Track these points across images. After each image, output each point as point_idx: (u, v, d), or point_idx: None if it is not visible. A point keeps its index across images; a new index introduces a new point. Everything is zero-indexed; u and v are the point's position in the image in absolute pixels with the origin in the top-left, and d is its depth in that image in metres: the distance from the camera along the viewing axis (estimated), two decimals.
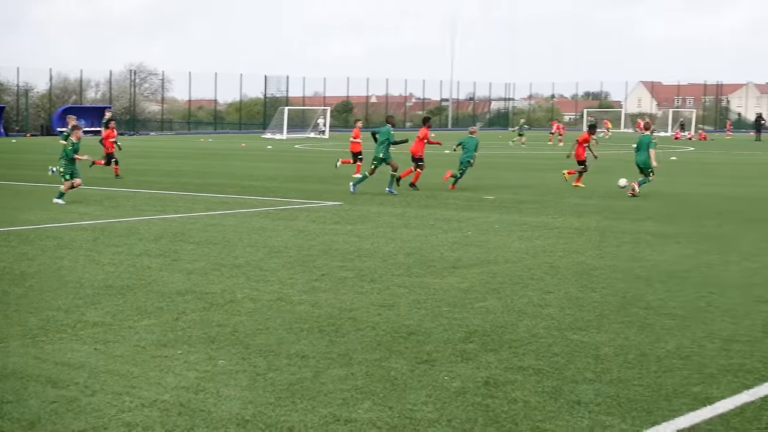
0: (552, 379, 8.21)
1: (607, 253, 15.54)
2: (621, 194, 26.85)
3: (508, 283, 12.70)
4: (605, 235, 17.85)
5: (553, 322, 10.42)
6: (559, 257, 15.01)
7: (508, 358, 8.87)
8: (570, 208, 22.98)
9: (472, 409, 7.37)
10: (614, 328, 10.14)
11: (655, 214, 21.48)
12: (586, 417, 7.21)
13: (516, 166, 41.75)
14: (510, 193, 27.22)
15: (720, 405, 7.52)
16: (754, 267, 14.16)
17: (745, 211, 22.34)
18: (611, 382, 8.12)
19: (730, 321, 10.53)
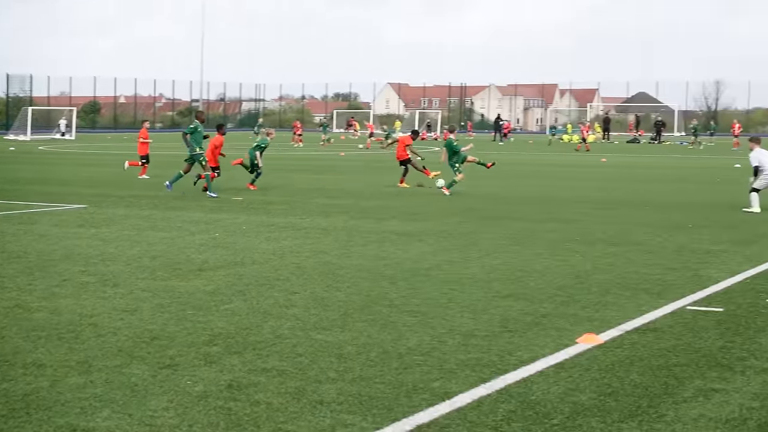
0: (295, 379, 8.22)
1: (353, 252, 15.74)
2: (366, 193, 27.29)
3: (254, 285, 12.66)
4: (352, 234, 18.08)
5: (298, 322, 10.46)
6: (305, 257, 15.08)
7: (252, 360, 8.84)
8: (318, 208, 23.15)
9: (214, 413, 7.28)
10: (358, 327, 10.26)
11: (399, 213, 21.91)
12: (328, 416, 7.25)
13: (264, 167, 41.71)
14: (258, 194, 27.17)
15: (458, 399, 7.72)
16: (494, 263, 14.65)
17: (484, 209, 23.09)
18: (353, 381, 8.20)
19: (470, 316, 10.84)
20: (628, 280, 13.22)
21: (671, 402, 7.71)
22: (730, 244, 16.94)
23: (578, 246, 16.61)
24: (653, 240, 17.51)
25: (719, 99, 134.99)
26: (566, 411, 7.45)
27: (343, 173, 37.26)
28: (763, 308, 11.38)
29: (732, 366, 8.80)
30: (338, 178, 31.43)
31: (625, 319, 10.74)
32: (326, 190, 28.85)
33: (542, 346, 9.47)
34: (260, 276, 13.35)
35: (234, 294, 12.02)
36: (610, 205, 24.49)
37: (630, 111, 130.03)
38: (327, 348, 9.34)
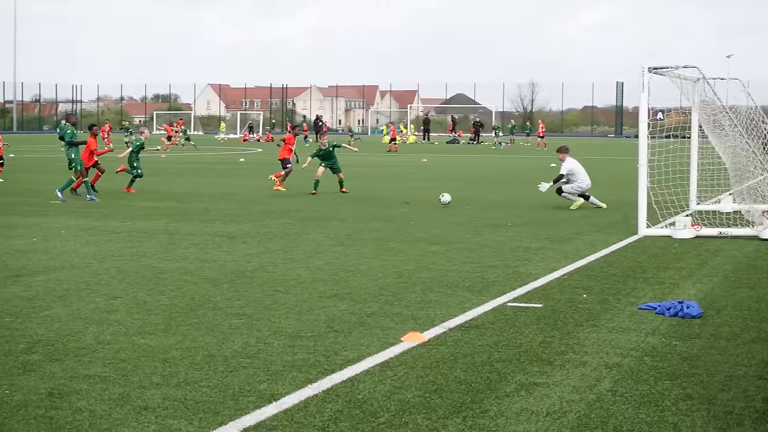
0: (119, 385, 8.07)
1: (175, 255, 15.53)
2: (189, 196, 26.98)
3: (74, 290, 12.36)
4: (174, 237, 17.84)
5: (121, 327, 10.26)
6: (127, 261, 14.81)
7: (74, 367, 8.63)
8: (139, 211, 22.76)
9: (34, 422, 7.09)
10: (182, 331, 10.13)
11: (223, 216, 21.74)
12: (153, 422, 7.14)
13: None
14: (78, 198, 26.49)
15: (285, 400, 7.72)
16: (318, 264, 14.68)
17: (308, 210, 23.11)
18: (179, 385, 8.10)
19: (296, 317, 10.84)
20: (450, 279, 13.44)
21: (494, 397, 7.87)
22: (548, 242, 17.41)
23: (401, 245, 16.80)
24: (474, 238, 17.86)
25: (534, 100, 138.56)
26: (392, 409, 7.53)
27: (164, 176, 36.71)
28: (580, 303, 11.74)
29: (552, 360, 9.05)
30: (159, 180, 30.96)
31: (448, 316, 10.92)
32: (148, 192, 28.36)
33: (368, 346, 9.54)
34: (80, 281, 13.04)
35: (53, 300, 11.71)
36: (431, 204, 24.82)
37: (449, 112, 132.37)
38: (151, 353, 9.19)
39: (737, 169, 21.26)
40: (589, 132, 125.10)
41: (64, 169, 27.32)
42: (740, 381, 8.37)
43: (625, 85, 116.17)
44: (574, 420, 7.31)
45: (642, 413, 7.47)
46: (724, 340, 9.89)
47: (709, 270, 14.48)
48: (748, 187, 20.37)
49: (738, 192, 21.68)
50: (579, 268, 14.53)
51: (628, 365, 8.90)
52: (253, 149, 68.95)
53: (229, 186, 31.04)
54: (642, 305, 11.59)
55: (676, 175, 21.73)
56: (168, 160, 51.24)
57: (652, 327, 10.49)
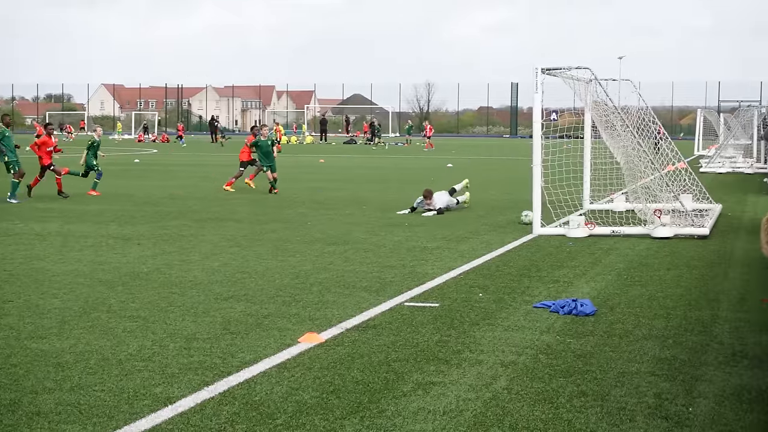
0: (10, 391, 7.91)
1: (68, 257, 15.27)
2: (83, 198, 26.56)
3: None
4: (67, 239, 17.54)
5: (12, 331, 10.06)
6: (18, 264, 14.52)
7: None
8: (31, 213, 22.35)
9: None
10: (76, 334, 9.97)
11: (118, 217, 21.44)
12: (45, 428, 7.02)
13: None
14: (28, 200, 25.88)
15: (181, 404, 7.64)
16: (214, 266, 14.56)
17: (203, 211, 22.91)
18: (72, 390, 7.97)
19: (192, 320, 10.74)
20: (348, 279, 13.45)
21: (391, 397, 7.90)
22: (444, 242, 17.53)
23: (298, 246, 16.76)
24: (371, 239, 17.89)
25: (431, 101, 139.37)
26: (290, 410, 7.51)
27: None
28: (476, 302, 11.84)
29: (448, 359, 9.11)
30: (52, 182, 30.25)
31: (346, 317, 10.92)
32: (41, 195, 27.78)
33: (265, 347, 9.50)
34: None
35: None
36: (328, 204, 24.82)
37: (346, 112, 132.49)
38: (43, 357, 9.03)
39: (629, 169, 21.66)
40: (484, 132, 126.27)
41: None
42: (633, 377, 8.53)
43: (520, 86, 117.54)
44: (471, 418, 7.36)
45: (537, 411, 7.56)
46: (617, 338, 10.06)
47: (602, 268, 14.73)
48: (641, 186, 20.78)
49: (631, 191, 22.11)
50: (475, 267, 14.66)
51: (523, 363, 9.01)
52: (148, 150, 68.14)
53: (124, 187, 30.62)
54: (537, 303, 11.73)
55: (570, 175, 22.06)
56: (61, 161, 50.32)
57: (547, 325, 10.63)
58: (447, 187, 24.50)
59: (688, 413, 7.54)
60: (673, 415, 7.48)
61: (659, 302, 11.97)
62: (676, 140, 37.83)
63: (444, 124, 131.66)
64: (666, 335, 10.17)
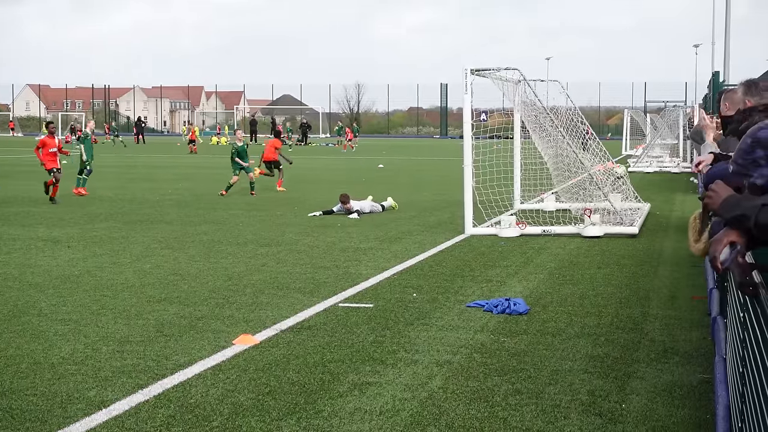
0: None
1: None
2: (8, 199, 26.19)
3: None
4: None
5: None
6: None
7: None
8: None
9: None
10: (5, 338, 9.83)
11: (46, 219, 21.17)
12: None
13: None
14: None
15: (115, 407, 7.58)
16: (146, 268, 14.44)
17: (133, 213, 22.70)
18: (3, 394, 7.87)
19: (124, 322, 10.64)
20: (281, 280, 13.41)
21: (328, 397, 7.89)
22: (377, 242, 17.55)
23: (230, 248, 16.67)
24: (303, 240, 17.86)
25: (361, 101, 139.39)
26: (226, 412, 7.47)
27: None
28: (410, 302, 11.88)
29: (384, 359, 9.13)
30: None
31: (280, 318, 10.90)
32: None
33: (199, 349, 9.45)
34: None
35: None
36: (260, 206, 24.73)
37: (276, 113, 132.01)
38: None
39: (559, 168, 21.88)
40: (415, 133, 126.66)
41: None
42: (566, 375, 8.61)
43: (449, 87, 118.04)
44: (407, 418, 7.39)
45: (473, 409, 7.61)
46: (550, 336, 10.15)
47: (534, 267, 14.85)
48: (571, 185, 20.99)
49: (563, 191, 22.33)
50: (408, 267, 14.70)
51: (458, 362, 9.05)
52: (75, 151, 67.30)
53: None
54: (470, 303, 11.80)
55: (501, 175, 22.20)
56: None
57: (481, 324, 10.69)
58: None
59: (621, 410, 7.63)
60: (607, 412, 7.57)
61: (591, 300, 12.10)
62: (604, 140, 38.30)
63: (374, 124, 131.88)
64: (598, 333, 10.29)
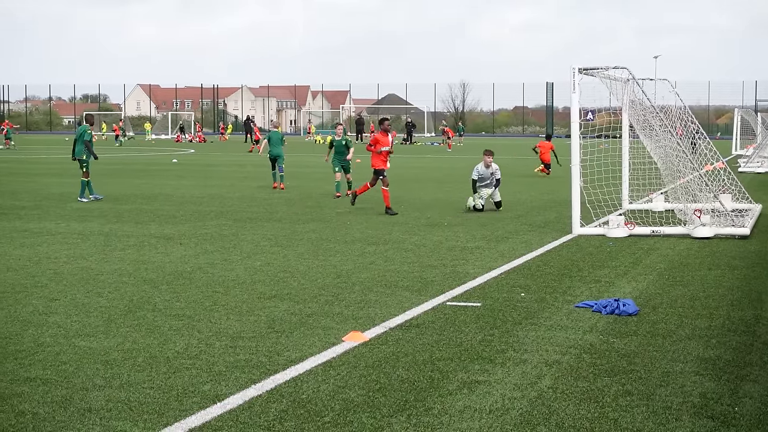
0: (61, 388, 8.03)
1: (112, 257, 15.42)
2: (122, 197, 26.76)
3: (10, 292, 12.24)
4: (110, 239, 17.70)
5: (60, 329, 10.19)
6: (63, 263, 14.68)
7: (14, 370, 8.56)
8: (73, 213, 22.57)
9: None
10: (122, 332, 10.09)
11: (157, 217, 21.61)
12: (97, 424, 7.12)
13: (10, 171, 40.33)
14: (8, 198, 26.22)
15: (229, 401, 7.73)
16: (256, 265, 14.66)
17: (243, 211, 23.05)
18: (121, 387, 8.08)
19: (236, 318, 10.83)
20: (389, 278, 13.51)
21: (437, 395, 7.95)
22: (484, 241, 17.55)
23: (338, 246, 16.83)
24: (410, 238, 17.94)
25: (465, 100, 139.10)
26: (337, 408, 7.57)
27: (95, 177, 36.34)
28: (518, 302, 11.87)
29: (492, 358, 9.15)
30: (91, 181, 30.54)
31: (389, 316, 10.99)
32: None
33: (310, 346, 9.57)
34: (16, 283, 12.91)
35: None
36: (366, 204, 24.86)
37: (381, 112, 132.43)
38: (92, 355, 9.15)
39: (668, 169, 21.60)
40: (520, 132, 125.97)
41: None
42: (677, 377, 8.53)
43: (555, 86, 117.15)
44: (517, 417, 7.40)
45: (583, 409, 7.59)
46: (661, 337, 10.06)
47: (644, 268, 14.70)
48: (680, 186, 20.71)
49: (671, 191, 22.03)
50: (516, 267, 14.68)
51: (567, 362, 9.03)
52: (185, 150, 68.51)
53: (163, 187, 30.83)
54: (579, 303, 11.74)
55: (608, 175, 22.02)
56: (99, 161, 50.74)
57: (590, 325, 10.64)
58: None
59: (734, 413, 7.54)
60: (719, 415, 7.48)
61: (701, 302, 11.94)
62: (714, 140, 37.62)
63: (479, 123, 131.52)
64: (709, 335, 10.16)
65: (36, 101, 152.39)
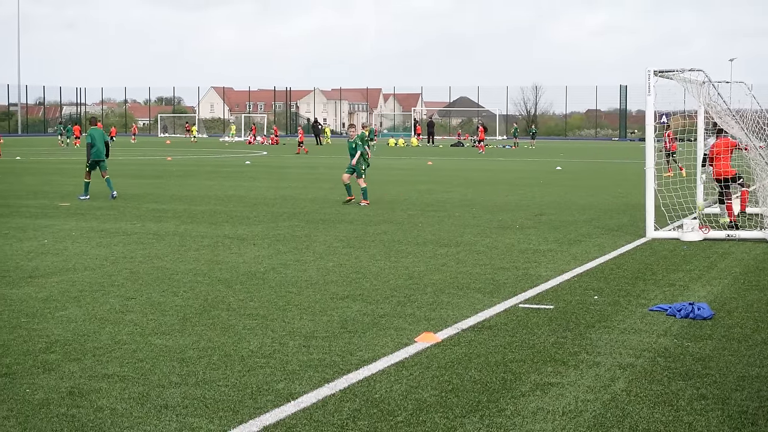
0: (138, 384, 8.15)
1: (187, 257, 15.61)
2: (196, 198, 27.06)
3: (88, 291, 12.45)
4: (184, 239, 17.92)
5: (137, 327, 10.35)
6: (139, 263, 14.90)
7: (92, 367, 8.71)
8: (148, 213, 22.87)
9: (57, 420, 7.17)
10: (197, 331, 10.21)
11: (231, 218, 21.82)
12: (174, 420, 7.22)
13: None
14: (87, 199, 26.63)
15: (303, 399, 7.79)
16: (329, 266, 14.75)
17: (315, 213, 23.19)
18: (197, 384, 8.18)
19: (309, 318, 10.91)
20: (461, 280, 13.52)
21: (510, 396, 7.95)
22: (556, 244, 17.48)
23: (410, 247, 16.87)
24: (482, 240, 17.92)
25: (538, 103, 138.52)
26: (410, 408, 7.60)
27: (169, 178, 36.80)
28: (591, 305, 11.81)
29: (565, 361, 9.12)
30: (165, 182, 31.15)
31: (461, 317, 11.00)
32: (155, 195, 28.48)
33: (382, 346, 9.62)
34: (94, 282, 13.13)
35: (68, 300, 11.79)
36: (438, 206, 24.90)
37: (453, 115, 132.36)
38: (168, 352, 9.27)
39: (745, 172, 21.32)
40: (592, 135, 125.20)
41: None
42: (753, 381, 8.44)
43: (629, 89, 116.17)
44: (590, 419, 7.38)
45: (657, 413, 7.54)
46: (736, 342, 9.95)
47: (719, 272, 14.55)
48: (758, 189, 20.44)
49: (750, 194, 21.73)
50: (589, 270, 14.60)
51: (641, 366, 8.97)
52: (258, 152, 69.05)
53: (236, 189, 31.09)
54: (653, 307, 11.66)
55: (683, 178, 21.77)
56: (173, 162, 51.36)
57: (664, 328, 10.56)
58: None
59: None
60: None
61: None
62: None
63: (551, 126, 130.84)
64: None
65: (112, 104, 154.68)
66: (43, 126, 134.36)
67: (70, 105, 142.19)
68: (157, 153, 64.94)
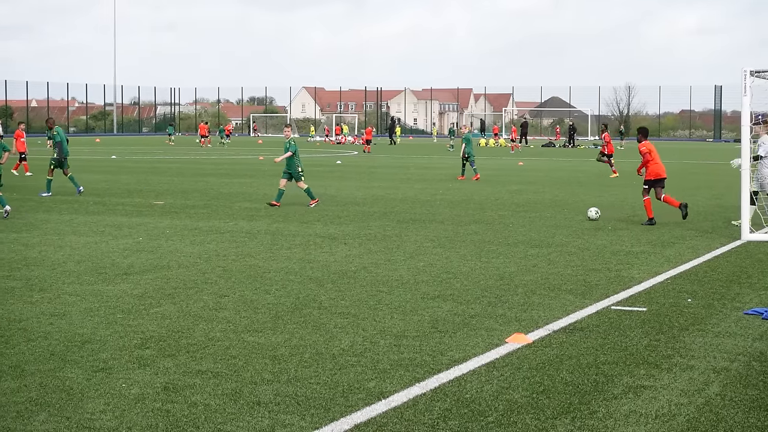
0: (231, 381, 8.26)
1: (279, 255, 15.76)
2: (287, 197, 27.28)
3: (182, 288, 12.64)
4: (276, 237, 18.09)
5: (230, 325, 10.48)
6: (232, 261, 15.07)
7: (186, 363, 8.85)
8: (241, 212, 23.13)
9: (152, 414, 7.30)
10: (289, 329, 10.31)
11: (322, 217, 21.96)
12: (266, 417, 7.30)
13: (181, 171, 41.48)
14: (179, 197, 27.05)
15: (394, 398, 7.82)
16: (419, 266, 14.77)
17: (406, 212, 23.23)
18: (289, 382, 8.26)
19: (400, 318, 10.95)
20: (552, 281, 13.44)
21: (602, 399, 7.89)
22: (649, 246, 17.28)
23: (501, 248, 16.82)
24: (574, 242, 17.80)
25: (631, 104, 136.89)
26: (501, 408, 7.59)
27: (259, 177, 37.11)
28: (685, 308, 11.66)
29: (658, 364, 9.02)
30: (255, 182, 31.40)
31: (552, 319, 10.94)
32: (247, 194, 28.78)
33: (473, 346, 9.61)
34: (188, 279, 13.32)
35: (162, 297, 11.99)
36: (529, 207, 24.78)
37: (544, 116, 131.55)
38: (260, 350, 9.38)
39: None
40: (686, 136, 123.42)
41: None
42: None
43: (724, 89, 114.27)
44: (684, 423, 7.29)
45: (753, 418, 7.42)
46: None
47: None
48: None
49: None
50: (682, 272, 14.41)
51: (736, 370, 8.84)
52: (348, 152, 69.34)
53: (327, 188, 31.26)
54: (748, 310, 11.47)
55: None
56: (264, 162, 51.82)
57: (760, 332, 10.39)
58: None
59: None
60: None
61: None
62: None
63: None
64: None
65: (205, 103, 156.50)
66: (138, 125, 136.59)
67: (164, 105, 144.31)
68: (249, 152, 65.56)
